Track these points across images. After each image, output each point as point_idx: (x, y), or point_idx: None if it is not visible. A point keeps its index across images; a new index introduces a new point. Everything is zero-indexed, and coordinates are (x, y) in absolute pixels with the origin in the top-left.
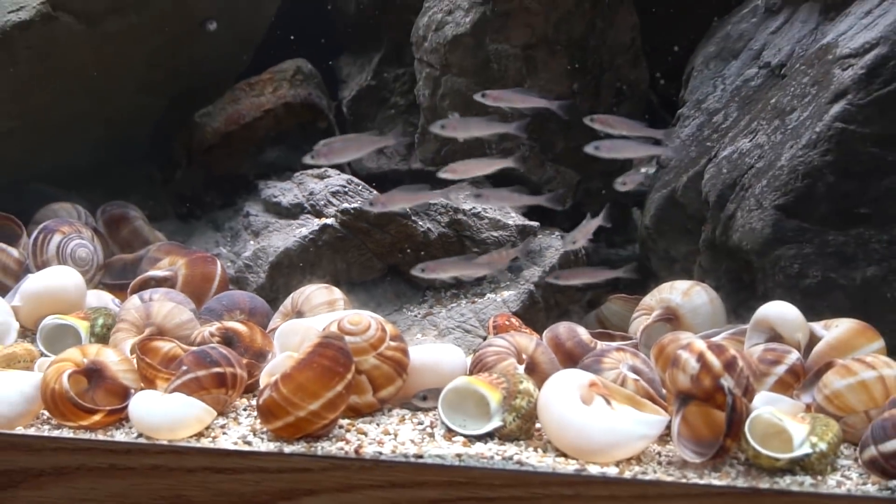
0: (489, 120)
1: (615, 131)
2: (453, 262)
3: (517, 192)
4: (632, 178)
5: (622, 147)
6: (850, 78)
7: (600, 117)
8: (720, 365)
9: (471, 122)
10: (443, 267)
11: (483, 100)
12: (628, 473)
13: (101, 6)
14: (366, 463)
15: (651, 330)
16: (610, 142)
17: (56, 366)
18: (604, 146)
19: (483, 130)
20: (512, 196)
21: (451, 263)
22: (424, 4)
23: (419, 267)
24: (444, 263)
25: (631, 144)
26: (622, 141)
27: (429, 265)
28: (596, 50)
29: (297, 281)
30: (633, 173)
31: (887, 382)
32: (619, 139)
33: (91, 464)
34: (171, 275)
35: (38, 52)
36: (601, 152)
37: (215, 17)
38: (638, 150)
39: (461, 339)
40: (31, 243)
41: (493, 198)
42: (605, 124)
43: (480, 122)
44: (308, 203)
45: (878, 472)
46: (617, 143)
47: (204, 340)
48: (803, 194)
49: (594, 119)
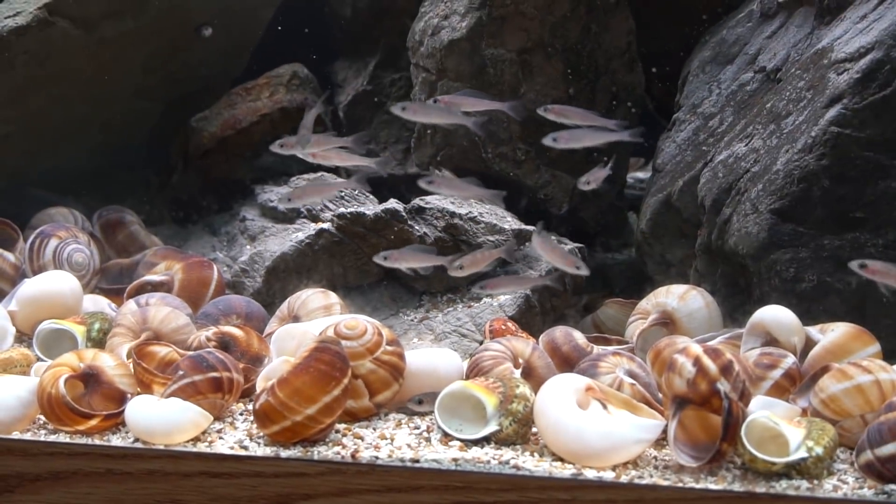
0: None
1: (569, 121)
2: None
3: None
4: (596, 177)
5: (580, 136)
6: (846, 82)
7: (555, 108)
8: (716, 369)
9: (430, 107)
10: (404, 256)
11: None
12: (625, 478)
13: (97, 11)
14: (362, 467)
15: (647, 334)
16: (567, 132)
17: (52, 370)
18: (561, 137)
19: (443, 118)
20: (463, 185)
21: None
22: (420, 9)
23: (381, 255)
24: (405, 253)
25: (588, 133)
26: (580, 130)
27: (391, 254)
28: (591, 54)
29: (293, 285)
30: (596, 171)
31: (883, 386)
32: (577, 129)
33: (87, 468)
34: (168, 279)
35: (35, 56)
36: (559, 143)
37: (211, 22)
38: (595, 138)
39: (457, 343)
40: (27, 248)
41: (443, 185)
42: (559, 114)
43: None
44: (304, 207)
45: (874, 476)
46: (575, 132)
47: (200, 345)
48: (799, 198)
49: (548, 109)
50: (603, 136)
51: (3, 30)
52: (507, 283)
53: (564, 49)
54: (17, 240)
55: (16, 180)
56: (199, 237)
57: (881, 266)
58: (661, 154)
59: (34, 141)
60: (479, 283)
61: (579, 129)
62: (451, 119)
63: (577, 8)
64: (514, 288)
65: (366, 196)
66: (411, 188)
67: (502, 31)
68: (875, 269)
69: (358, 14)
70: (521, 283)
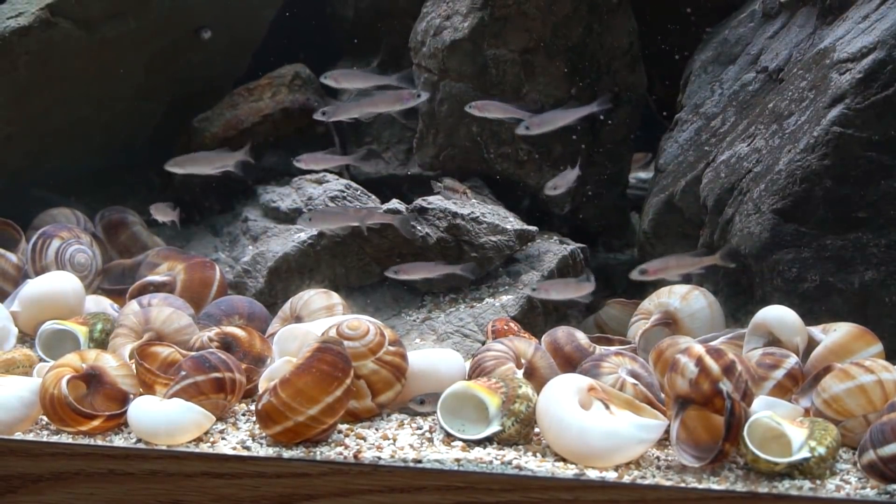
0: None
1: (491, 115)
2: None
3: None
4: (565, 180)
5: (551, 119)
6: (848, 82)
7: (477, 103)
8: (719, 369)
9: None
10: (416, 269)
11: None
12: (627, 478)
13: (99, 12)
14: (364, 468)
15: (649, 334)
16: (538, 118)
17: (55, 371)
18: (532, 124)
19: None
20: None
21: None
22: (423, 9)
23: (392, 269)
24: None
25: (559, 114)
26: (549, 113)
27: (402, 267)
28: (593, 54)
29: (295, 286)
30: (563, 175)
31: (886, 386)
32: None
33: (90, 469)
34: (170, 280)
35: (37, 57)
36: (532, 131)
37: (213, 22)
38: (566, 117)
39: (460, 343)
40: (29, 249)
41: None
42: (481, 110)
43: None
44: (306, 208)
45: (876, 477)
46: (545, 116)
47: (202, 345)
48: (801, 198)
49: (472, 106)
50: (573, 113)
51: (6, 31)
52: (420, 270)
53: (566, 49)
54: (20, 240)
55: (18, 181)
56: (201, 238)
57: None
58: (664, 154)
59: (36, 142)
60: (393, 269)
61: (548, 112)
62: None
63: (580, 8)
64: (426, 273)
65: (368, 196)
66: (413, 188)
67: (504, 31)
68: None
69: (360, 14)
70: (432, 269)
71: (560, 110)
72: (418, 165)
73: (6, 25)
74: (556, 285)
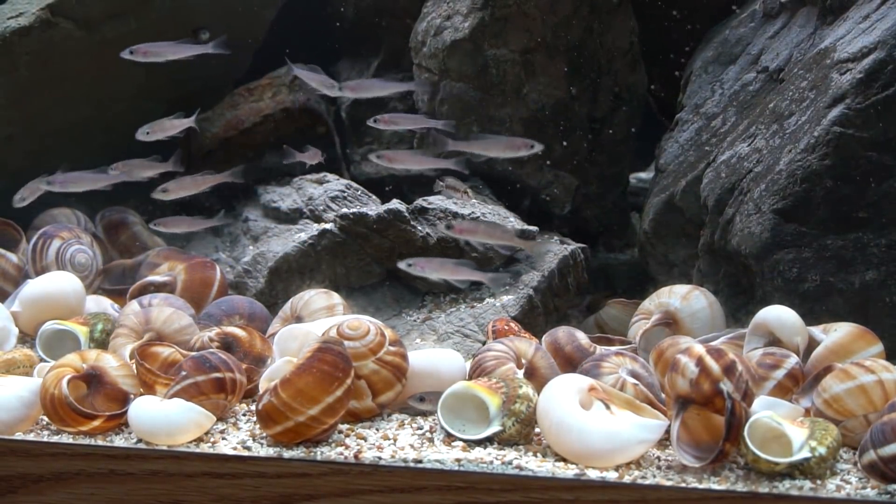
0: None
1: (400, 127)
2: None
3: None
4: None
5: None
6: (849, 82)
7: (383, 117)
8: (719, 369)
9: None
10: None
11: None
12: (627, 478)
13: (100, 12)
14: (365, 468)
15: (650, 334)
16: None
17: (55, 371)
18: (347, 87)
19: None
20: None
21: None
22: (423, 10)
23: (406, 262)
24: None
25: (409, 117)
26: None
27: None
28: (594, 54)
29: (296, 286)
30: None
31: (886, 386)
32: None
33: (90, 469)
34: (171, 280)
35: (38, 57)
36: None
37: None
38: (416, 122)
39: (460, 343)
40: (30, 249)
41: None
42: (388, 123)
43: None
44: (307, 208)
45: (877, 477)
46: (395, 116)
47: (203, 345)
48: (802, 198)
49: (377, 120)
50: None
51: (6, 31)
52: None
53: (567, 49)
54: (20, 240)
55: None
56: (202, 238)
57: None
58: (664, 154)
59: (37, 142)
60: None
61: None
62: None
63: (580, 8)
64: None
65: (368, 196)
66: (413, 188)
67: (505, 32)
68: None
69: (360, 14)
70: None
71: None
72: None
73: (7, 25)
74: (432, 264)
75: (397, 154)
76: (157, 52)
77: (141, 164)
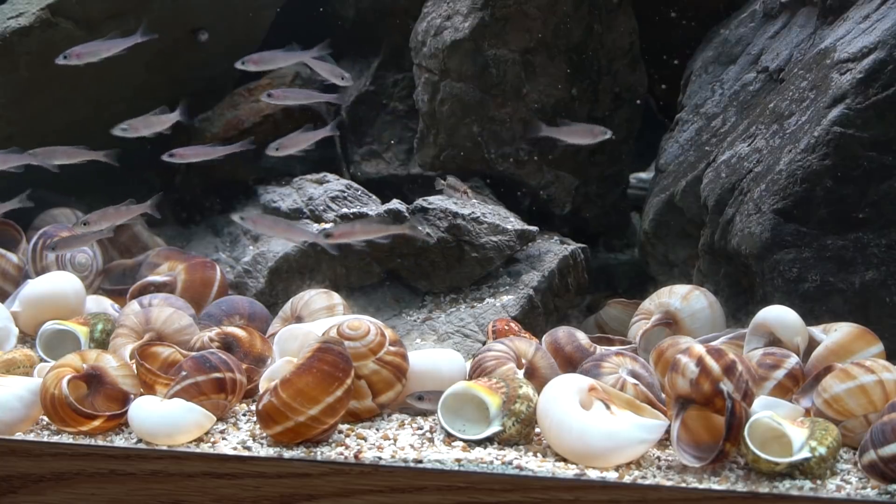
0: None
1: (291, 102)
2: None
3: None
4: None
5: (294, 95)
6: (849, 82)
7: (276, 92)
8: (719, 369)
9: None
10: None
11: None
12: (628, 478)
13: (100, 12)
14: (365, 468)
15: (650, 334)
16: (279, 90)
17: (55, 371)
18: (275, 94)
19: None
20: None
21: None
22: (423, 10)
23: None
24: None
25: (302, 92)
26: (293, 90)
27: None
28: (594, 54)
29: (296, 286)
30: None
31: (886, 386)
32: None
33: (90, 469)
34: (171, 280)
35: (38, 57)
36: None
37: (214, 22)
38: (310, 97)
39: (460, 343)
40: (30, 249)
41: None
42: (280, 98)
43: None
44: (307, 208)
45: (877, 477)
46: (288, 91)
47: (203, 346)
48: (802, 198)
49: (270, 94)
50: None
51: (6, 31)
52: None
53: (567, 49)
54: (20, 240)
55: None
56: (202, 238)
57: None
58: (664, 154)
59: (37, 142)
60: (324, 231)
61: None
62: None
63: (580, 8)
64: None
65: (369, 196)
66: (414, 188)
67: (505, 32)
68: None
69: (361, 14)
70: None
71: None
72: (419, 165)
73: (7, 25)
74: (266, 220)
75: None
76: (91, 52)
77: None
